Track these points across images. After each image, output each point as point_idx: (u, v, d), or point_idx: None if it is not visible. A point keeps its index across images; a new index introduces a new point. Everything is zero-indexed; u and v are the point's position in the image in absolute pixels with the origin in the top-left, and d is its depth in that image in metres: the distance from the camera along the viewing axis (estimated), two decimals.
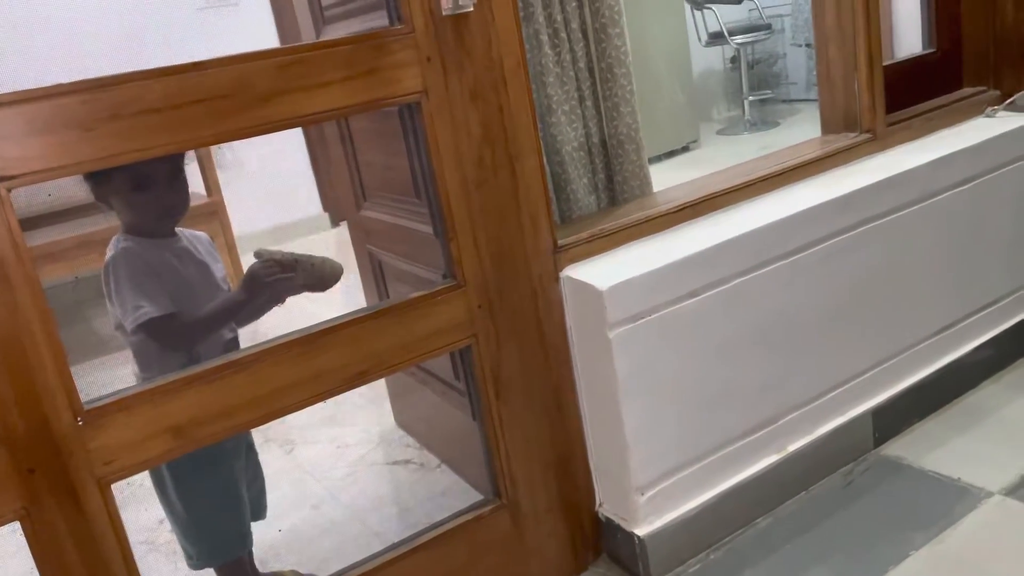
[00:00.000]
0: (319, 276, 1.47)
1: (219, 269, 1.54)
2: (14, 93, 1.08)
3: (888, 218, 1.84)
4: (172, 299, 1.39)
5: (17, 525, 1.15)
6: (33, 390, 1.12)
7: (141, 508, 2.12)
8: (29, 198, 3.45)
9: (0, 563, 2.07)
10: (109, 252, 1.39)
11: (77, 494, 1.17)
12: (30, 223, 3.54)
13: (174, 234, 1.47)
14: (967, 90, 2.26)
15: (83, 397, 1.17)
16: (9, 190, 1.08)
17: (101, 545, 1.19)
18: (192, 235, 1.53)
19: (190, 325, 1.42)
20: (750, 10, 5.59)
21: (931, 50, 2.28)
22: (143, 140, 1.16)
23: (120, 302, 1.37)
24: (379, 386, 2.46)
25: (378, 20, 1.59)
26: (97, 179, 1.37)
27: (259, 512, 1.66)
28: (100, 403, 1.17)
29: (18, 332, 1.10)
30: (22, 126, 1.08)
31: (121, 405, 1.18)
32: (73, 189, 3.33)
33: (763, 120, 5.38)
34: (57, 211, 3.64)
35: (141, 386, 1.22)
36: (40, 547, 1.16)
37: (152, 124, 1.16)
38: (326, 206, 5.09)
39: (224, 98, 1.21)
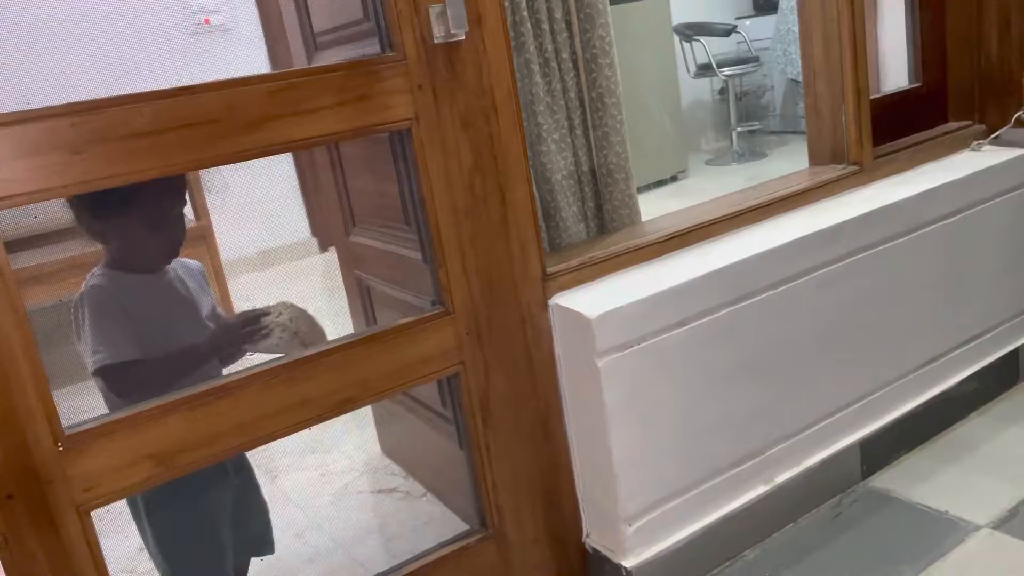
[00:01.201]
0: (290, 344, 1.44)
1: (208, 303, 1.50)
2: (3, 115, 1.07)
3: (875, 250, 1.85)
4: (141, 341, 1.34)
5: None
6: (13, 415, 1.10)
7: (120, 536, 2.08)
8: (14, 221, 3.42)
9: None
10: (83, 286, 1.35)
11: (56, 521, 1.14)
12: (14, 246, 3.52)
13: (162, 268, 1.44)
14: (952, 124, 2.29)
15: (64, 421, 1.15)
16: None
17: (79, 574, 1.16)
18: (184, 266, 1.49)
19: (148, 374, 1.35)
20: (738, 43, 5.65)
21: (917, 84, 2.31)
22: (131, 164, 1.15)
23: (83, 342, 1.33)
24: (365, 413, 2.44)
25: (370, 47, 1.60)
26: (93, 213, 1.34)
27: (264, 547, 1.63)
28: (81, 429, 1.16)
29: (0, 358, 1.08)
30: (9, 148, 1.07)
31: (103, 431, 1.17)
32: (58, 212, 3.30)
33: (751, 151, 5.42)
34: (41, 234, 3.62)
35: (123, 412, 1.20)
36: (17, 575, 1.13)
37: (141, 148, 1.15)
38: (315, 231, 5.08)
39: (214, 123, 1.21)
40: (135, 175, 1.15)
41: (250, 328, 1.42)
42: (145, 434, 1.20)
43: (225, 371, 1.48)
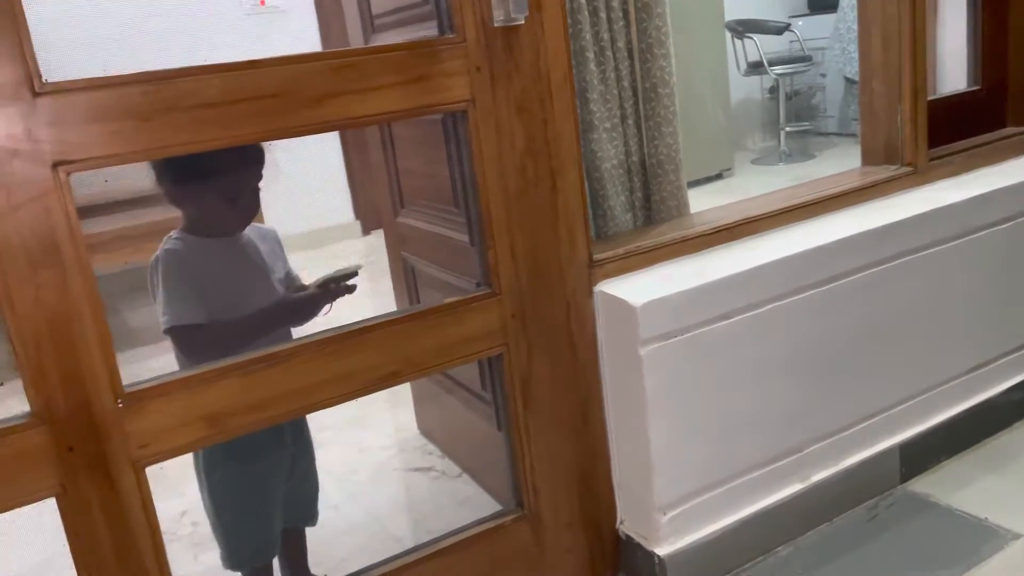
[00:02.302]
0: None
1: (281, 267, 1.55)
2: (78, 81, 1.12)
3: (925, 252, 1.83)
4: (210, 304, 1.40)
5: (37, 507, 1.18)
6: (78, 370, 1.15)
7: (165, 498, 2.14)
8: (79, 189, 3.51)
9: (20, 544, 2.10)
10: (159, 248, 1.42)
11: (112, 475, 1.19)
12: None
13: (236, 235, 1.50)
14: (1010, 129, 2.25)
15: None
16: (68, 175, 1.11)
17: (132, 527, 1.21)
18: (258, 231, 1.54)
19: (214, 337, 1.41)
20: (791, 41, 5.59)
21: (976, 87, 2.27)
22: (197, 133, 1.19)
23: (157, 302, 1.40)
24: (404, 392, 2.47)
25: (428, 31, 1.62)
26: (174, 180, 1.40)
27: (309, 519, 1.68)
28: (140, 387, 1.20)
29: (68, 313, 1.13)
30: (84, 113, 1.12)
31: (161, 391, 1.21)
32: (119, 182, 3.39)
33: (799, 152, 5.37)
34: (95, 205, 3.71)
35: (180, 373, 1.25)
36: (73, 525, 1.18)
37: (207, 118, 1.19)
38: (358, 214, 5.15)
39: (278, 97, 1.24)
40: (201, 144, 1.19)
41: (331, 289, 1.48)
42: (200, 396, 1.23)
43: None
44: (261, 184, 1.47)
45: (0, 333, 1.17)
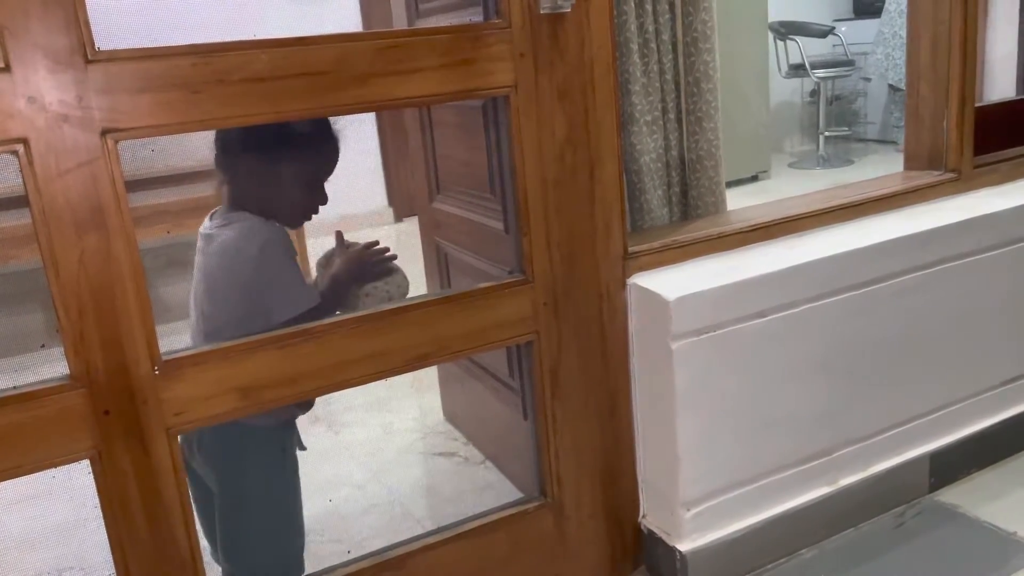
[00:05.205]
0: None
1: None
2: (130, 50, 1.13)
3: (965, 260, 1.80)
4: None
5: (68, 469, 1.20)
6: (117, 336, 1.16)
7: None
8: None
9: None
10: (257, 238, 1.35)
11: (146, 441, 1.21)
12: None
13: (295, 226, 1.48)
14: None
15: None
16: (116, 142, 1.13)
17: (163, 492, 1.23)
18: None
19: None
20: (834, 45, 5.52)
21: None
22: (245, 107, 1.20)
23: (275, 288, 1.36)
24: (430, 378, 2.49)
25: (473, 17, 1.63)
26: (261, 154, 1.35)
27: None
28: (177, 355, 1.22)
29: (111, 279, 1.15)
30: (134, 82, 1.13)
31: (196, 360, 1.22)
32: (159, 158, 3.43)
33: (837, 157, 5.30)
34: (136, 179, 3.76)
35: (215, 344, 1.26)
36: (106, 487, 1.20)
37: (255, 92, 1.20)
38: (391, 200, 5.17)
39: (324, 74, 1.25)
40: (248, 118, 1.20)
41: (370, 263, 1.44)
42: (235, 367, 1.25)
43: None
44: (329, 179, 1.45)
45: (40, 300, 1.19)
